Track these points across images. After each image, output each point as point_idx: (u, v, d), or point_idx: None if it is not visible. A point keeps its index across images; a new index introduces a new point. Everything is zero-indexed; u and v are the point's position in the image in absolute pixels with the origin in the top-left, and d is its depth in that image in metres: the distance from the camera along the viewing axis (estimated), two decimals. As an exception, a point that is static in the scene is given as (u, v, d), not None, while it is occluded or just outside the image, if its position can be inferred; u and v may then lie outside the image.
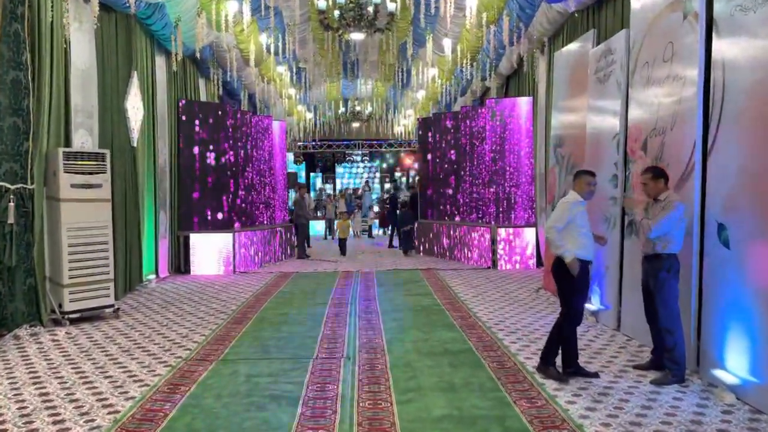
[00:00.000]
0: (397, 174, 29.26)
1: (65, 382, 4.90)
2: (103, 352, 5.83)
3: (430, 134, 14.52)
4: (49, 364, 5.44)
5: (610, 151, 6.79)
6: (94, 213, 7.26)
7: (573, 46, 8.60)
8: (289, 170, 26.27)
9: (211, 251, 11.49)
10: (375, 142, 25.99)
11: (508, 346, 5.90)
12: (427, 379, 4.89)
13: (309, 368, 5.20)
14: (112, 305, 7.43)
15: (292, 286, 9.83)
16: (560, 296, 5.08)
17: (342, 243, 14.72)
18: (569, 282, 4.91)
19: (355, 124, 24.31)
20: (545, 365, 4.96)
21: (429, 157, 14.59)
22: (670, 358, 4.75)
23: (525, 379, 4.86)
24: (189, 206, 11.78)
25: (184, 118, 11.74)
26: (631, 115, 6.33)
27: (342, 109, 23.23)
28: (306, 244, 14.95)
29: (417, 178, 27.09)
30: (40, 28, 6.84)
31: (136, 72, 9.51)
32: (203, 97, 13.48)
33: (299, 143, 25.30)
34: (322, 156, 28.36)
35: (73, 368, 5.29)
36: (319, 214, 22.45)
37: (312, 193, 27.41)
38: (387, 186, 27.13)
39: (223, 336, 6.41)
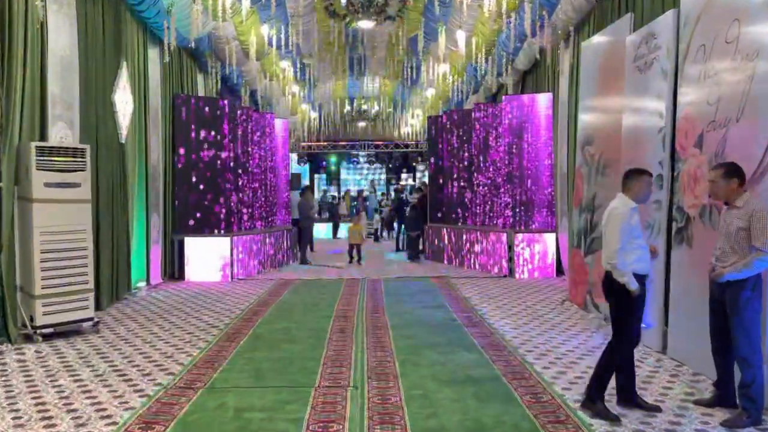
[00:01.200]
0: (404, 175, 28.49)
1: (20, 417, 4.13)
2: (72, 376, 5.05)
3: (440, 133, 13.73)
4: (6, 391, 4.66)
5: (654, 148, 5.98)
6: (71, 215, 6.50)
7: (604, 35, 7.80)
8: (293, 171, 25.57)
9: (207, 256, 10.72)
10: (381, 142, 25.21)
11: (540, 372, 5.10)
12: (450, 417, 4.10)
13: (310, 400, 4.41)
14: (92, 318, 6.66)
15: (293, 296, 9.04)
16: (612, 316, 4.28)
17: (353, 249, 13.19)
18: (625, 301, 4.11)
19: (361, 124, 23.53)
20: (592, 401, 4.15)
21: (439, 157, 13.80)
22: (746, 395, 3.94)
23: (568, 419, 4.05)
24: (184, 208, 11.02)
25: (179, 114, 10.99)
26: (681, 107, 5.53)
27: (347, 108, 22.46)
28: (309, 249, 14.16)
29: (425, 179, 26.33)
30: (11, 8, 6.09)
31: (125, 63, 8.76)
32: (201, 93, 12.74)
33: (303, 144, 24.54)
34: (326, 157, 27.61)
35: (33, 398, 4.51)
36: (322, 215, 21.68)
37: (316, 195, 26.66)
38: (393, 188, 26.33)
39: (212, 357, 5.62)
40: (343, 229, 21.34)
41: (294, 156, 25.18)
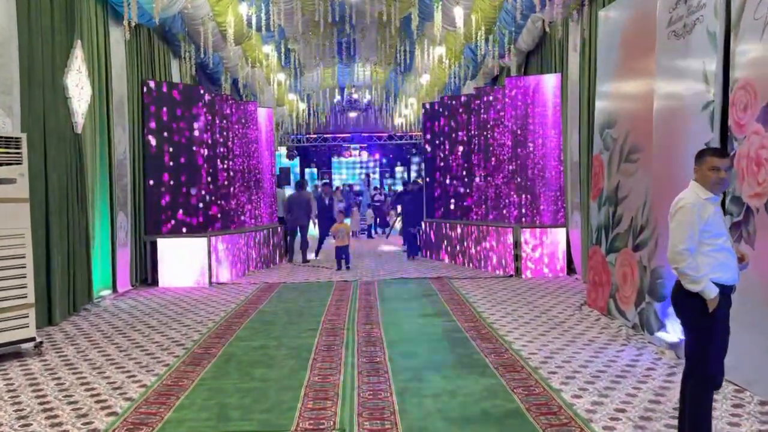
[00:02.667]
0: (398, 168, 27.49)
1: None
2: (-11, 419, 4.04)
3: (437, 121, 12.72)
4: None
5: (699, 127, 5.00)
6: (5, 217, 5.46)
7: (626, 0, 6.80)
8: (282, 165, 24.52)
9: (183, 259, 9.69)
10: (374, 134, 24.16)
11: (572, 404, 4.12)
12: (466, 477, 3.12)
13: (283, 453, 3.42)
14: (33, 339, 5.64)
15: (276, 304, 8.03)
16: (686, 337, 3.30)
17: (341, 253, 11.31)
18: (698, 320, 3.13)
19: (353, 114, 22.47)
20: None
21: (436, 147, 12.80)
22: None
23: (622, 479, 3.08)
24: (156, 206, 9.98)
25: (149, 102, 9.93)
26: (736, 75, 4.55)
27: (337, 98, 21.39)
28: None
29: (421, 171, 25.33)
30: None
31: (80, 42, 7.70)
32: (176, 81, 11.67)
33: (292, 136, 23.48)
34: (317, 150, 26.56)
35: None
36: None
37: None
38: (389, 182, 25.30)
39: (169, 387, 4.62)
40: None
41: (283, 150, 24.14)
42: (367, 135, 24.10)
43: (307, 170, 27.25)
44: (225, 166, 11.24)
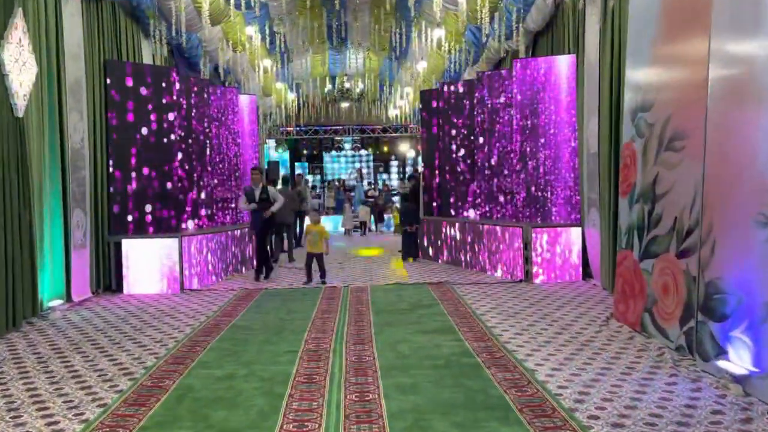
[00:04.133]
0: (393, 162, 26.40)
1: None
2: None
3: (436, 109, 11.65)
4: None
5: (778, 104, 3.94)
6: None
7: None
8: (270, 159, 23.38)
9: (151, 262, 8.59)
10: (367, 127, 23.02)
11: (631, 472, 3.06)
12: None
13: None
14: (-58, 368, 4.54)
15: (253, 315, 6.95)
16: None
17: (311, 261, 9.06)
18: None
19: (344, 104, 21.30)
20: None
21: (435, 137, 11.73)
22: None
23: None
24: (122, 203, 8.87)
25: (113, 84, 8.81)
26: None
27: (329, 87, 20.22)
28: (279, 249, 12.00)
29: (419, 165, 24.20)
30: None
31: (21, 10, 6.57)
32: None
33: (282, 128, 22.31)
34: (308, 143, 25.41)
35: None
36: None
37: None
38: (383, 177, 24.20)
39: (97, 442, 3.54)
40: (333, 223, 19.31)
41: (272, 143, 22.99)
42: (360, 127, 22.95)
43: (297, 164, 26.11)
44: (202, 158, 10.14)
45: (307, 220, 11.95)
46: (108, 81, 8.76)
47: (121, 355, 5.37)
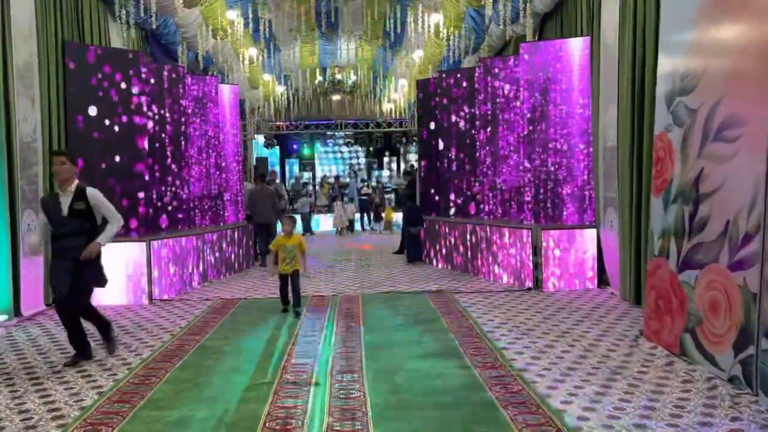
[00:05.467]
0: (386, 159, 25.50)
1: None
2: None
3: (434, 100, 10.74)
4: None
5: None
6: None
7: None
8: (258, 155, 22.43)
9: (116, 269, 7.62)
10: (360, 121, 22.06)
11: None
12: None
13: None
14: None
15: (226, 334, 6.01)
16: None
17: (285, 285, 6.99)
18: None
19: (336, 97, 20.33)
20: None
21: (432, 131, 10.81)
22: None
23: None
24: (83, 203, 7.91)
25: (73, 70, 7.85)
26: None
27: (319, 78, 19.24)
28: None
29: (413, 161, 23.26)
30: None
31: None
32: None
33: (270, 123, 21.32)
34: (298, 139, 24.45)
35: None
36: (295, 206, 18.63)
37: (287, 183, 23.55)
38: (376, 174, 23.24)
39: None
40: (323, 222, 18.38)
41: (260, 138, 22.03)
42: (353, 122, 21.99)
43: (287, 161, 25.19)
44: (176, 152, 9.19)
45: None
46: (67, 65, 7.80)
47: (57, 389, 4.43)
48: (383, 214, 17.73)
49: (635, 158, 6.71)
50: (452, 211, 10.28)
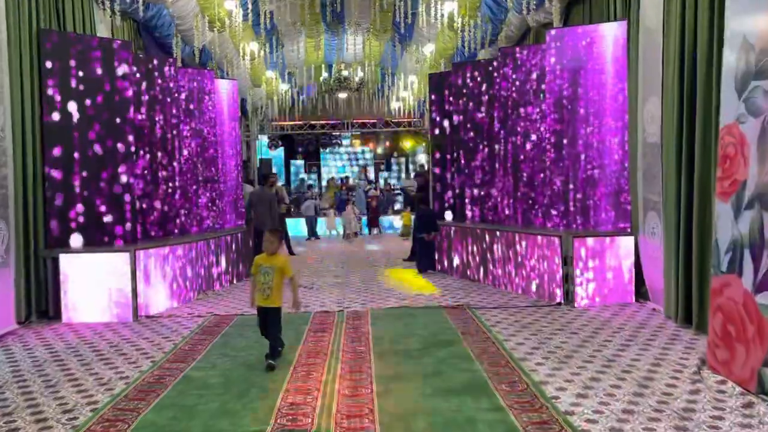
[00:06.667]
0: (394, 160, 24.66)
1: None
2: None
3: (447, 96, 9.91)
4: None
5: None
6: None
7: None
8: (262, 156, 21.68)
9: (98, 282, 6.86)
10: (368, 121, 21.23)
11: None
12: None
13: None
14: None
15: (216, 360, 5.18)
16: None
17: (265, 321, 5.08)
18: None
19: (342, 95, 19.51)
20: None
21: (446, 129, 9.99)
22: None
23: None
24: (60, 208, 7.14)
25: (48, 60, 7.07)
26: None
27: (324, 74, 18.41)
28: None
29: (423, 162, 22.42)
30: None
31: None
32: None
33: (275, 122, 20.54)
34: (303, 139, 23.67)
35: None
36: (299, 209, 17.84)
37: (292, 185, 22.78)
38: (384, 175, 22.37)
39: None
40: (323, 225, 17.60)
41: (264, 139, 21.26)
42: (359, 122, 21.15)
43: (292, 162, 24.41)
44: (166, 151, 8.41)
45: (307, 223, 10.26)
46: (42, 56, 7.02)
47: (1, 439, 3.63)
48: (399, 218, 17.00)
49: (684, 155, 5.85)
50: (469, 215, 9.45)
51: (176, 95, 8.62)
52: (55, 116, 7.09)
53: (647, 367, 4.70)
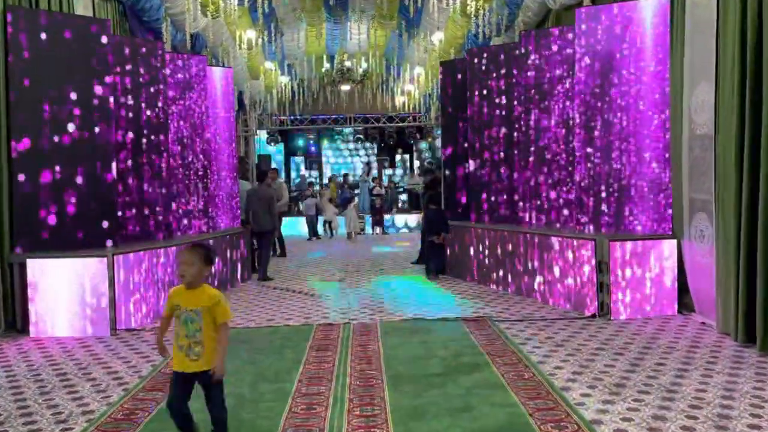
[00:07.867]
0: (398, 156, 23.82)
1: None
2: None
3: (461, 84, 9.10)
4: None
5: None
6: None
7: None
8: (260, 152, 20.90)
9: (70, 291, 6.05)
10: (371, 115, 20.39)
11: None
12: None
13: None
14: None
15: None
16: None
17: (178, 397, 3.31)
18: None
19: (345, 87, 18.67)
20: None
21: (459, 120, 9.18)
22: None
23: None
24: (29, 208, 6.32)
25: (18, 43, 6.25)
26: None
27: (326, 65, 17.57)
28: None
29: (431, 158, 21.57)
30: None
31: None
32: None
33: (275, 117, 19.70)
34: (304, 134, 22.83)
35: None
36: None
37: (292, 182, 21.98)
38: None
39: None
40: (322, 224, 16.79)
41: (263, 134, 20.43)
42: (362, 116, 20.31)
43: (292, 158, 23.59)
44: (150, 146, 7.59)
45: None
46: (9, 37, 6.20)
47: None
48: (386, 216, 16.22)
49: (747, 149, 5.04)
50: (486, 215, 8.64)
51: (163, 82, 7.79)
52: (23, 105, 6.26)
53: (719, 401, 3.89)
